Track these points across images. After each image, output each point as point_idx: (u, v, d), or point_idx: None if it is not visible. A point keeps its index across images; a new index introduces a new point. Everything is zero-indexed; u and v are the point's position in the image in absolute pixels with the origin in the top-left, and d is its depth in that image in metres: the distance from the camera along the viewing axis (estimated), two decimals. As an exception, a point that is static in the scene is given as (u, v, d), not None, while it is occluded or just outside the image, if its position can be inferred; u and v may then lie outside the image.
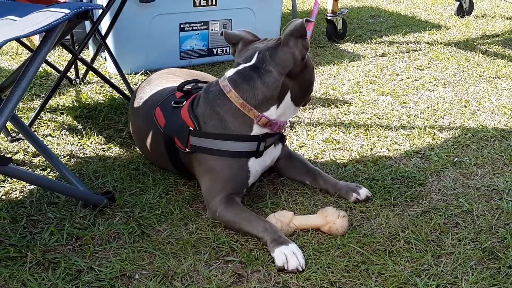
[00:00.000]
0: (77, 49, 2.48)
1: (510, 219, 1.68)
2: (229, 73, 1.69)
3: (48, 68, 2.77)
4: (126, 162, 1.98)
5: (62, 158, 2.00)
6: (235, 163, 1.66)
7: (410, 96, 2.65)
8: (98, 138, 2.16)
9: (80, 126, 2.27)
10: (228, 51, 3.08)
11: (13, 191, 1.79)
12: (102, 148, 2.10)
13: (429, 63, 3.11)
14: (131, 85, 2.63)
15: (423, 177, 1.91)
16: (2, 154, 2.00)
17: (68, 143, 2.12)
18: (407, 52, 3.31)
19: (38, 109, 2.21)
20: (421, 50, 3.33)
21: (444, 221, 1.67)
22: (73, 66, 2.69)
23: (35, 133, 2.11)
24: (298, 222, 1.59)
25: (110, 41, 2.75)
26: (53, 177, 1.88)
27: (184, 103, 1.75)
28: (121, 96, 2.46)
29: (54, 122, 2.30)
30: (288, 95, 1.67)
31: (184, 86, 1.81)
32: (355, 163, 2.00)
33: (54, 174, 1.90)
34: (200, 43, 3.01)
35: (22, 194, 1.78)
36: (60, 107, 2.45)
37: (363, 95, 2.65)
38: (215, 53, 3.07)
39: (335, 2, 3.45)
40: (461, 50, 3.30)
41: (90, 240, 1.55)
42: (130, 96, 2.39)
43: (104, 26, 2.65)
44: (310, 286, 1.39)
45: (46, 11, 1.49)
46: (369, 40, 3.52)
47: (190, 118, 1.69)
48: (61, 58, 3.09)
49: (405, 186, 1.86)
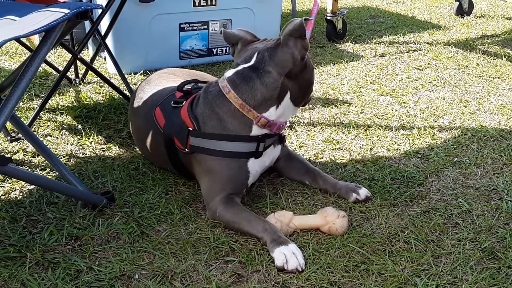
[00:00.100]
0: (76, 49, 2.48)
1: (510, 219, 1.68)
2: (228, 73, 1.69)
3: (47, 68, 2.77)
4: (126, 162, 1.98)
5: (61, 158, 2.00)
6: (234, 164, 1.66)
7: (409, 96, 2.65)
8: (97, 138, 2.16)
9: (79, 126, 2.27)
10: (227, 51, 3.08)
11: (12, 191, 1.79)
12: (102, 148, 2.10)
13: (428, 63, 3.11)
14: (131, 85, 2.62)
15: (423, 177, 1.91)
16: (2, 154, 1.99)
17: (67, 143, 2.12)
18: (407, 52, 3.31)
19: (37, 109, 2.21)
20: (420, 50, 3.33)
21: (443, 221, 1.67)
22: (72, 66, 2.69)
23: (35, 133, 2.11)
24: (297, 222, 1.59)
25: (109, 41, 2.75)
26: (52, 177, 1.88)
27: (183, 103, 1.75)
28: (120, 96, 2.46)
29: (53, 122, 2.30)
30: (287, 96, 1.66)
31: (184, 86, 1.81)
32: (355, 163, 2.00)
33: (54, 174, 1.89)
34: (199, 43, 3.01)
35: (21, 194, 1.78)
36: (59, 107, 2.44)
37: (363, 95, 2.65)
38: (215, 53, 3.07)
39: (335, 2, 3.45)
40: (460, 50, 3.30)
41: (90, 240, 1.55)
42: (129, 96, 2.39)
43: (103, 26, 2.64)
44: (310, 286, 1.39)
45: (46, 11, 1.49)
46: (368, 40, 3.52)
47: (189, 118, 1.69)
48: (60, 58, 3.09)
49: (404, 186, 1.86)
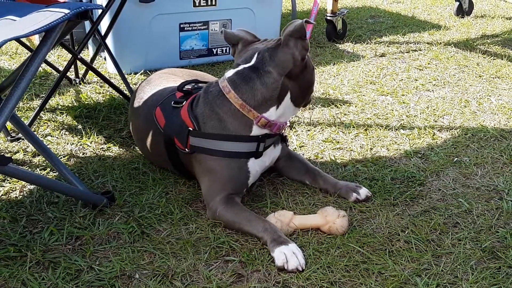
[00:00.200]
0: (76, 49, 2.48)
1: (510, 219, 1.68)
2: (228, 73, 1.69)
3: (47, 68, 2.77)
4: (126, 162, 1.98)
5: (62, 158, 2.00)
6: (235, 164, 1.66)
7: (410, 96, 2.65)
8: (98, 138, 2.16)
9: (79, 126, 2.27)
10: (227, 51, 3.08)
11: (12, 191, 1.79)
12: (102, 148, 2.10)
13: (428, 63, 3.11)
14: (131, 85, 2.63)
15: (423, 177, 1.91)
16: (2, 153, 1.99)
17: (67, 143, 2.12)
18: (407, 52, 3.31)
19: (37, 108, 2.21)
20: (420, 50, 3.33)
21: (444, 221, 1.67)
22: (72, 66, 2.69)
23: (35, 132, 2.11)
24: (298, 221, 1.59)
25: (109, 41, 2.75)
26: (53, 176, 1.88)
27: (183, 103, 1.75)
28: (120, 96, 2.46)
29: (53, 122, 2.30)
30: (287, 96, 1.66)
31: (184, 86, 1.81)
32: (355, 163, 2.01)
33: (54, 173, 1.90)
34: (200, 43, 3.01)
35: (22, 193, 1.78)
36: (59, 107, 2.44)
37: (363, 95, 2.65)
38: (215, 53, 3.07)
39: (335, 2, 3.45)
40: (460, 50, 3.31)
41: (90, 239, 1.55)
42: (129, 96, 2.39)
43: (103, 26, 2.64)
44: (310, 285, 1.39)
45: (46, 11, 1.49)
46: (368, 40, 3.52)
47: (189, 118, 1.69)
48: (60, 58, 3.09)
49: (405, 186, 1.86)
